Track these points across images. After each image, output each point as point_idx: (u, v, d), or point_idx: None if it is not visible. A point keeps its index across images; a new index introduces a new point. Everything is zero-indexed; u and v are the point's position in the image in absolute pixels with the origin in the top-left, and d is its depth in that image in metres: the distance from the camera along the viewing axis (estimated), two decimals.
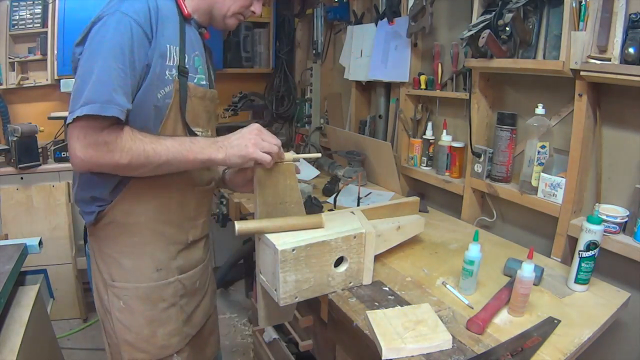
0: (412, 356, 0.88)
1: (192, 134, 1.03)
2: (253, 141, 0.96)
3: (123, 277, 1.06)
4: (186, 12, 1.03)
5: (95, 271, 1.12)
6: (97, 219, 1.04)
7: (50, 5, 2.47)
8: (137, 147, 0.90)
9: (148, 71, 0.94)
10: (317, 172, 2.30)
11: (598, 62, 1.15)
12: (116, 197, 1.02)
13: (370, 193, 1.97)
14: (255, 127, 0.99)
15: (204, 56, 1.12)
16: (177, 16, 1.02)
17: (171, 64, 0.98)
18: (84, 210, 1.06)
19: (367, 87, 2.35)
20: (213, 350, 1.35)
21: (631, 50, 1.07)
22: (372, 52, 2.10)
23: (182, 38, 1.00)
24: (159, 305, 1.08)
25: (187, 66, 1.01)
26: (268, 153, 0.97)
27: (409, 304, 1.07)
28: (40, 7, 2.51)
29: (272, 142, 0.98)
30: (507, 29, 1.36)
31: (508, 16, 1.29)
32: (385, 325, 0.95)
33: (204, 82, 1.09)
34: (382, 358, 0.89)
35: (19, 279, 1.33)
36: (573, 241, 1.26)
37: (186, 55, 1.01)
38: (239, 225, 1.01)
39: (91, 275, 1.15)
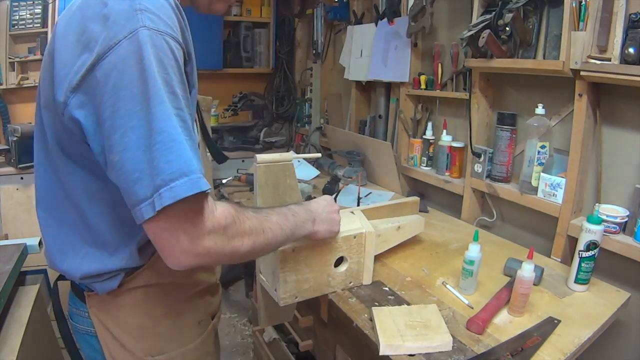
0: (413, 355, 0.88)
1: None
2: (339, 219, 0.98)
3: (164, 347, 0.84)
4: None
5: (106, 348, 0.82)
6: (119, 285, 0.78)
7: (50, 5, 2.48)
8: (255, 227, 0.71)
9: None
10: (317, 172, 2.30)
11: (598, 62, 1.15)
12: (150, 257, 0.79)
13: (370, 193, 1.97)
14: (335, 203, 0.99)
15: None
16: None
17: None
18: (95, 281, 0.77)
19: (367, 87, 2.35)
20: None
21: (631, 50, 1.07)
22: (372, 52, 2.10)
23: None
24: (175, 306, 0.86)
25: None
26: None
27: (408, 304, 1.07)
28: (40, 7, 2.52)
29: (339, 218, 1.00)
30: (507, 29, 1.36)
31: (508, 16, 1.30)
32: (388, 322, 0.96)
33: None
34: (379, 353, 0.90)
35: (19, 279, 1.33)
36: (573, 241, 1.26)
37: None
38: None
39: (90, 355, 0.86)
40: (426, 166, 1.91)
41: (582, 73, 1.19)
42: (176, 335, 0.85)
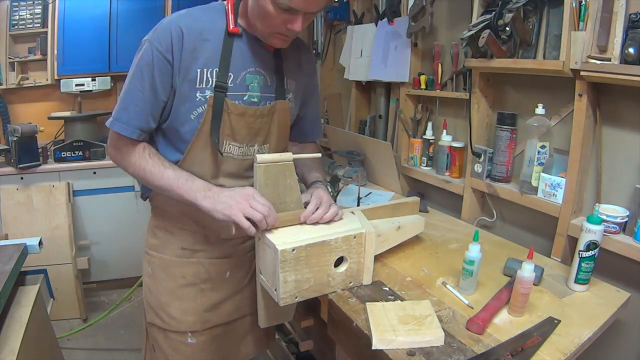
0: (414, 355, 0.88)
1: (218, 148, 1.06)
2: (240, 205, 0.98)
3: (154, 247, 1.21)
4: (231, 27, 1.04)
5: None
6: (148, 198, 1.22)
7: (50, 5, 2.48)
8: (140, 164, 1.05)
9: (174, 93, 1.03)
10: None
11: (598, 62, 1.15)
12: (149, 189, 1.17)
13: (370, 193, 1.98)
14: (248, 192, 1.01)
15: (267, 71, 1.11)
16: (222, 34, 1.03)
17: (203, 86, 1.03)
18: (144, 189, 1.21)
19: (367, 87, 2.35)
20: (249, 351, 1.34)
21: (631, 50, 1.08)
22: (372, 52, 2.10)
23: (224, 56, 1.03)
24: (178, 280, 1.18)
25: (229, 85, 1.04)
26: (251, 218, 0.98)
27: None
28: (40, 7, 2.52)
29: (259, 210, 0.98)
30: (507, 29, 1.36)
31: (508, 16, 1.29)
32: (381, 317, 0.97)
33: (255, 100, 1.10)
34: (372, 347, 0.91)
35: (19, 279, 1.33)
36: (573, 241, 1.26)
37: (230, 75, 1.04)
38: (236, 225, 1.02)
39: None
40: (426, 166, 1.91)
41: (582, 73, 1.19)
42: (162, 244, 1.19)
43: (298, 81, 1.20)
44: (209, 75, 1.02)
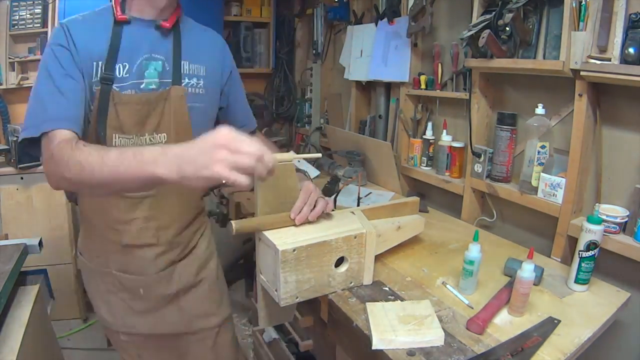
0: (414, 355, 0.88)
1: (106, 141, 1.00)
2: (219, 157, 0.71)
3: (80, 250, 1.22)
4: (119, 16, 1.02)
5: None
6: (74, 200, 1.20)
7: (50, 5, 2.47)
8: (75, 158, 0.83)
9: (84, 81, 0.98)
10: (317, 172, 2.30)
11: (598, 62, 1.15)
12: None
13: (370, 193, 1.98)
14: (222, 137, 0.73)
15: (164, 55, 1.06)
16: (109, 25, 1.01)
17: (97, 79, 0.99)
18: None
19: (367, 87, 2.35)
20: None
21: (631, 50, 1.08)
22: (372, 52, 2.10)
23: (112, 47, 1.00)
24: (100, 287, 1.18)
25: (124, 76, 1.01)
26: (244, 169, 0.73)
27: None
28: (40, 7, 2.51)
29: (248, 151, 0.73)
30: (507, 29, 1.36)
31: (508, 16, 1.29)
32: (381, 317, 0.97)
33: (153, 87, 1.05)
34: (372, 348, 0.91)
35: (19, 279, 1.33)
36: (573, 241, 1.26)
37: (125, 64, 1.01)
38: (236, 224, 1.02)
39: None
40: (426, 166, 1.91)
41: (582, 73, 1.19)
42: (84, 249, 1.21)
43: (209, 67, 1.15)
44: (101, 67, 0.99)
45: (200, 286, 1.28)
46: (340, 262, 1.09)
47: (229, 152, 0.72)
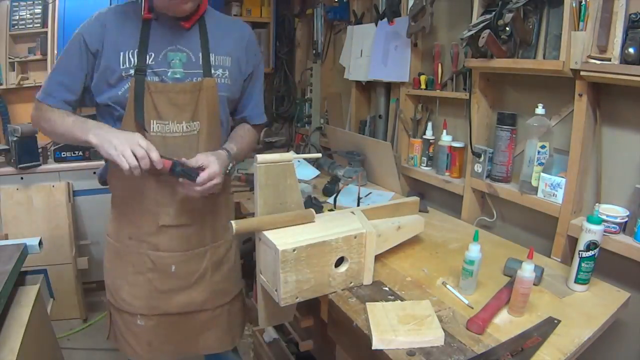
0: (414, 355, 0.88)
1: (144, 127, 1.11)
2: (121, 146, 1.01)
3: (110, 233, 1.29)
4: (144, 14, 1.11)
5: None
6: (105, 182, 1.30)
7: (50, 5, 2.47)
8: (49, 117, 1.14)
9: (93, 73, 1.12)
10: (317, 172, 2.30)
11: (598, 62, 1.15)
12: (106, 173, 1.27)
13: (370, 193, 1.98)
14: (133, 138, 1.03)
15: (189, 48, 1.15)
16: (138, 19, 1.12)
17: (127, 66, 1.10)
18: (101, 172, 1.31)
19: (367, 87, 2.35)
20: (210, 346, 1.36)
21: (631, 50, 1.08)
22: (372, 52, 2.10)
23: (142, 40, 1.10)
24: (128, 267, 1.24)
25: (150, 63, 1.11)
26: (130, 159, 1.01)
27: None
28: (40, 7, 2.51)
29: (137, 153, 1.01)
30: (507, 29, 1.36)
31: (508, 16, 1.29)
32: (381, 317, 0.97)
33: (178, 76, 1.13)
34: (372, 347, 0.91)
35: (19, 279, 1.33)
36: (573, 241, 1.26)
37: (151, 54, 1.11)
38: (236, 224, 1.02)
39: None
40: (426, 166, 1.91)
41: (582, 73, 1.19)
42: (115, 231, 1.27)
43: (234, 58, 1.22)
44: (131, 56, 1.09)
45: (226, 264, 1.34)
46: (340, 262, 1.09)
47: (127, 146, 1.01)
